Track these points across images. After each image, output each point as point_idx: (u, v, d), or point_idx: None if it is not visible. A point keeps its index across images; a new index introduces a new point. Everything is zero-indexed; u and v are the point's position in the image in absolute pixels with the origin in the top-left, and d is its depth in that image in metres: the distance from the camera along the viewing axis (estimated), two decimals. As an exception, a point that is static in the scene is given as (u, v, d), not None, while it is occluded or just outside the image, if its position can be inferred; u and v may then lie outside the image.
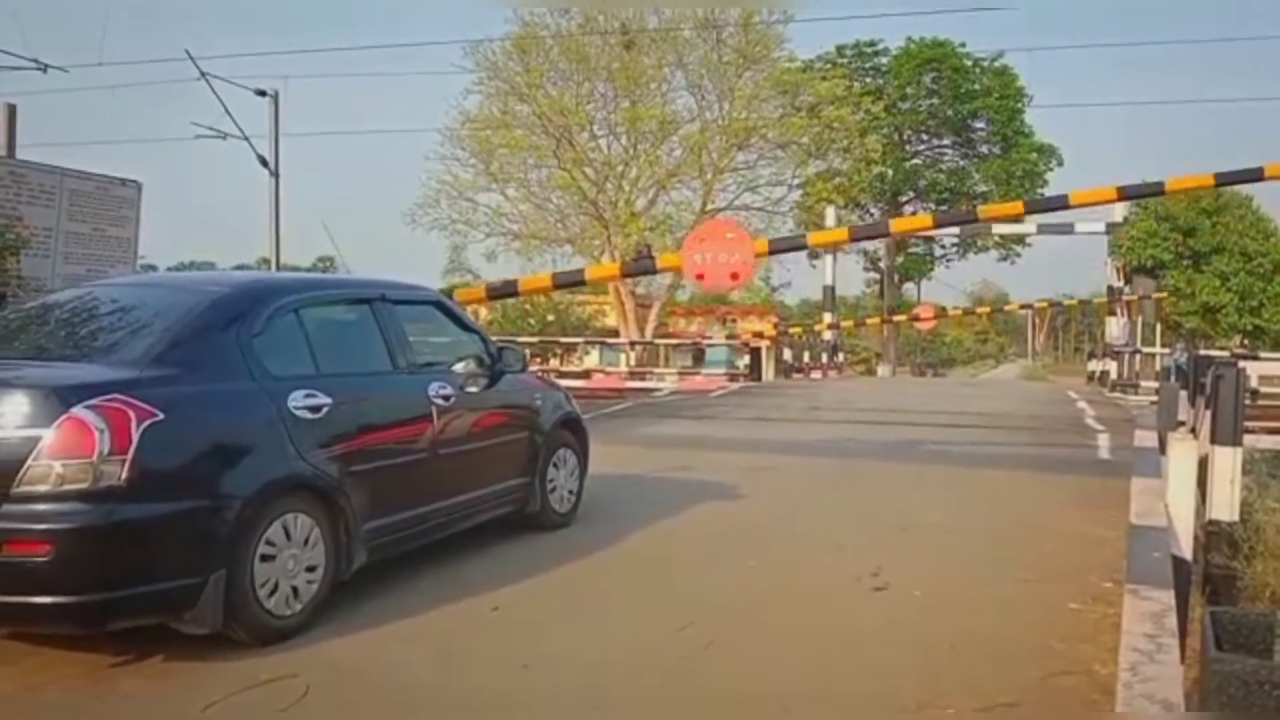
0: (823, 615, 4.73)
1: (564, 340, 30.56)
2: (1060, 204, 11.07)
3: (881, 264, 45.61)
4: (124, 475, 3.72)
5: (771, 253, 12.16)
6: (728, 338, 30.42)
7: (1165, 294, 30.85)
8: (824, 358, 31.40)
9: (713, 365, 25.26)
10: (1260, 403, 15.51)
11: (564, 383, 9.22)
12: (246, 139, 17.61)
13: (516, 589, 5.10)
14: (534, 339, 28.38)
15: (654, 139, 29.63)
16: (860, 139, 31.39)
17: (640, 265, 10.31)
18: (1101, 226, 32.20)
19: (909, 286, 50.20)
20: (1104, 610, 4.56)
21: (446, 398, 5.34)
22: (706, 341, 28.11)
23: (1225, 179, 9.17)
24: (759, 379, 23.77)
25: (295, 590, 4.28)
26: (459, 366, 5.69)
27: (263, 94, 18.13)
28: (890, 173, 41.33)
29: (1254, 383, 15.73)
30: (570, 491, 6.62)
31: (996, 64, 43.12)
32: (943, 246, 45.91)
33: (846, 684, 3.86)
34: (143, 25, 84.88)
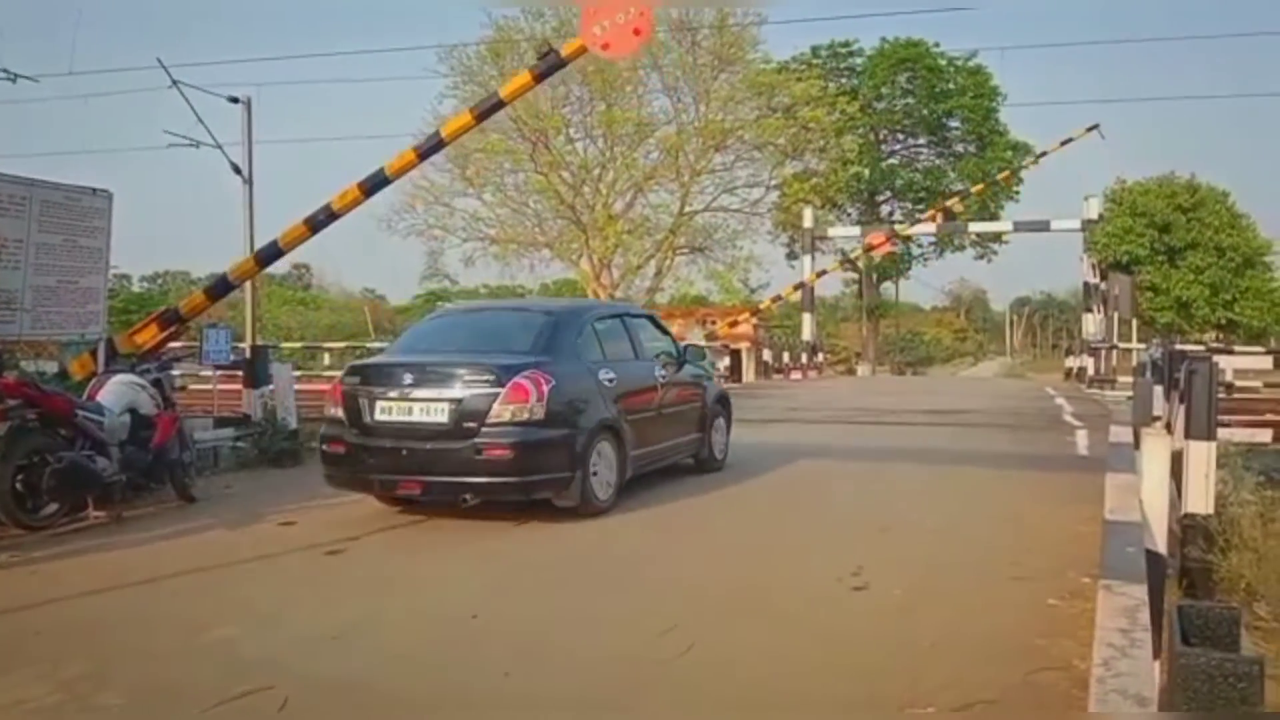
0: (803, 616, 4.74)
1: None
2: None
3: (859, 263, 45.67)
4: (542, 414, 6.67)
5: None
6: (707, 338, 30.37)
7: (1141, 289, 31.04)
8: (804, 358, 31.45)
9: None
10: (1235, 396, 15.65)
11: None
12: (219, 146, 17.51)
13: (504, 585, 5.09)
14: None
15: (630, 142, 29.53)
16: (836, 139, 31.43)
17: (548, 62, 9.84)
18: (1077, 224, 32.41)
19: (887, 286, 50.33)
20: (1083, 606, 4.59)
21: (662, 377, 8.21)
22: (684, 344, 27.97)
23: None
24: (739, 380, 23.79)
25: (606, 485, 7.16)
26: (662, 357, 8.40)
27: (235, 101, 18.03)
28: (866, 172, 41.40)
29: (1228, 376, 15.84)
30: (723, 447, 9.33)
31: (970, 63, 43.34)
32: (920, 246, 46.09)
33: (828, 685, 3.87)
34: (114, 34, 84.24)
